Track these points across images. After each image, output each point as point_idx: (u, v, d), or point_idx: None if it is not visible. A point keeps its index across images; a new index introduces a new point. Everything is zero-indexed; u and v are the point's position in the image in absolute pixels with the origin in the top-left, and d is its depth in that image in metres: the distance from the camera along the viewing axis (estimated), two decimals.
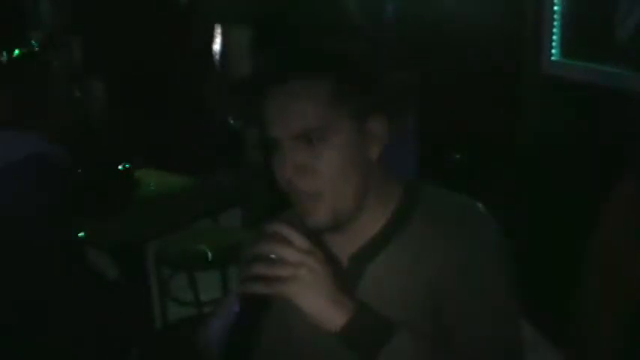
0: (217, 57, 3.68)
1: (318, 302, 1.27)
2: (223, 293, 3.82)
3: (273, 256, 1.27)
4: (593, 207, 1.66)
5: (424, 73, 3.81)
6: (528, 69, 3.29)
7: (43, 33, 4.33)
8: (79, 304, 2.60)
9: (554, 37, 3.10)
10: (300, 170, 1.32)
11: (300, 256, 1.27)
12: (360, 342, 1.28)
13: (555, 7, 3.05)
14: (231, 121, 3.72)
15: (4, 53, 2.59)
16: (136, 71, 5.20)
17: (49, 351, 2.58)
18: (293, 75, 1.32)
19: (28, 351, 2.52)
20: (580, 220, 1.68)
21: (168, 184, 3.70)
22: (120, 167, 3.35)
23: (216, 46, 3.65)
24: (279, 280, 1.26)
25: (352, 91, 1.34)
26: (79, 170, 2.83)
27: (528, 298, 1.48)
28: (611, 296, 1.56)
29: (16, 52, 2.59)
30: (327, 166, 1.32)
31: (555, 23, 3.08)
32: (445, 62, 3.79)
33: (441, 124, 3.77)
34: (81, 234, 2.76)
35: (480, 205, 1.44)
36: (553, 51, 3.11)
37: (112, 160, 3.39)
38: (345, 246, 1.43)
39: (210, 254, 3.62)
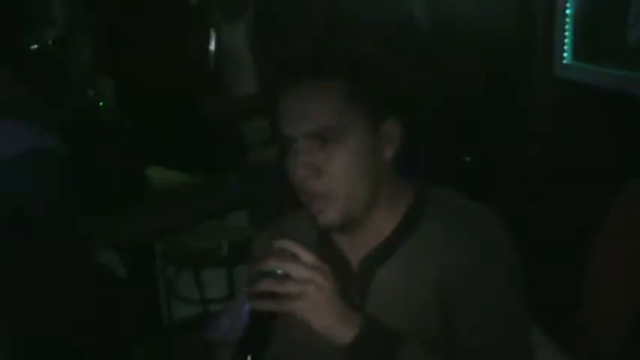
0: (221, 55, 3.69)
1: (325, 319, 1.27)
2: (229, 291, 3.83)
3: (279, 272, 1.27)
4: (603, 210, 1.66)
5: (436, 75, 3.81)
6: (540, 72, 3.28)
7: (56, 31, 4.34)
8: (85, 299, 2.61)
9: (566, 41, 3.09)
10: (313, 171, 1.32)
11: (307, 272, 1.27)
12: (367, 355, 1.28)
13: (567, 10, 3.04)
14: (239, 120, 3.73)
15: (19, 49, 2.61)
16: (148, 70, 5.21)
17: (57, 346, 2.59)
18: (309, 75, 1.32)
19: (35, 346, 2.53)
20: (589, 223, 1.67)
21: (177, 183, 3.71)
22: (130, 165, 3.36)
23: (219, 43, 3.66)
24: (286, 297, 1.26)
25: (367, 93, 1.34)
26: (82, 164, 2.83)
27: (536, 299, 1.47)
28: (616, 297, 1.56)
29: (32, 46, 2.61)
30: (341, 167, 1.32)
31: (567, 26, 3.07)
32: (457, 64, 3.79)
33: (451, 126, 3.77)
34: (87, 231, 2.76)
35: (488, 208, 1.44)
36: (565, 54, 3.10)
37: (122, 158, 3.40)
38: (356, 248, 1.43)
39: (218, 252, 3.64)
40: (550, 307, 2.01)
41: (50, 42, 3.74)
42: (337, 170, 1.32)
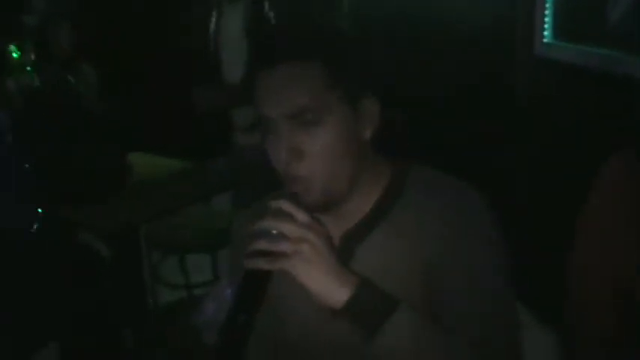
0: (211, 37, 3.67)
1: (320, 277, 1.27)
2: (213, 276, 3.84)
3: (274, 232, 1.28)
4: (585, 188, 1.67)
5: (416, 56, 3.81)
6: (521, 51, 3.29)
7: (36, 18, 4.32)
8: (69, 283, 2.61)
9: (547, 20, 3.09)
10: (295, 153, 1.32)
11: (301, 231, 1.28)
12: (362, 317, 1.28)
13: None
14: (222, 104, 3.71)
15: None
16: (128, 56, 5.19)
17: (42, 330, 2.59)
18: (287, 56, 1.32)
19: (18, 329, 2.53)
20: (572, 201, 1.68)
21: (161, 168, 3.70)
22: (112, 152, 3.36)
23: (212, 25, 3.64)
24: (281, 256, 1.26)
25: (346, 73, 1.34)
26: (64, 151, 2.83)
27: (521, 277, 1.48)
28: (601, 275, 1.57)
29: None
30: (322, 148, 1.32)
31: (547, 5, 3.07)
32: (436, 45, 3.79)
33: (432, 107, 3.77)
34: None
35: (471, 187, 1.45)
36: (545, 33, 3.11)
37: (104, 144, 3.39)
38: (337, 226, 1.44)
39: (202, 236, 3.64)
40: (537, 287, 2.03)
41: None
42: (318, 151, 1.32)
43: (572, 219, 1.66)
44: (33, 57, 3.85)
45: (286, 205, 1.31)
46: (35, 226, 2.66)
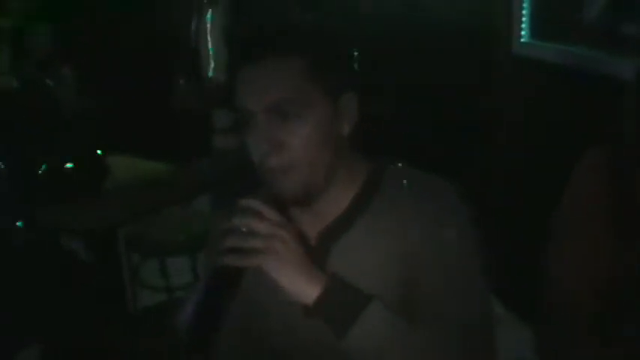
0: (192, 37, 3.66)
1: (291, 274, 1.28)
2: (194, 278, 3.82)
3: (244, 229, 1.28)
4: (561, 185, 1.67)
5: (394, 54, 3.81)
6: (499, 50, 3.30)
7: (12, 19, 4.29)
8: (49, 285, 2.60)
9: (524, 19, 3.11)
10: (274, 146, 1.32)
11: (272, 228, 1.29)
12: (333, 314, 1.29)
13: None
14: (202, 106, 3.71)
15: None
16: (107, 57, 5.16)
17: (22, 331, 2.58)
18: (267, 50, 1.32)
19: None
20: (549, 198, 1.69)
21: (141, 170, 3.68)
22: (89, 154, 3.33)
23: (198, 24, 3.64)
24: (252, 253, 1.27)
25: (325, 67, 1.34)
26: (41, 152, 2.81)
27: (497, 274, 1.48)
28: (580, 271, 1.58)
29: None
30: (301, 141, 1.32)
31: (525, 4, 3.09)
32: (415, 43, 3.79)
33: (411, 105, 3.78)
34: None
35: (447, 183, 1.46)
36: (523, 32, 3.12)
37: (81, 147, 3.37)
38: (314, 224, 1.44)
39: (182, 239, 3.62)
40: (511, 281, 2.03)
41: None
42: (297, 144, 1.32)
43: (548, 215, 1.67)
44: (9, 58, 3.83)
45: (255, 203, 1.32)
46: (15, 228, 2.64)
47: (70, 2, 4.97)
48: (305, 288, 1.29)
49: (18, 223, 2.74)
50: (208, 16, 3.59)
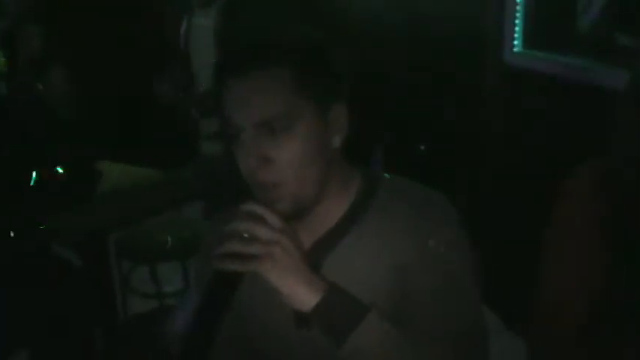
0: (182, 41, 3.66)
1: (291, 280, 1.27)
2: (184, 285, 3.81)
3: (246, 235, 1.27)
4: (552, 195, 1.67)
5: (387, 64, 3.82)
6: (491, 60, 3.30)
7: (5, 21, 4.27)
8: (34, 291, 2.59)
9: (517, 29, 3.11)
10: (263, 161, 1.31)
11: (273, 234, 1.27)
12: (331, 321, 1.28)
13: None
14: (191, 113, 3.70)
15: None
16: (100, 62, 5.15)
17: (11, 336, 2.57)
18: (255, 64, 1.31)
19: None
20: (542, 209, 1.69)
21: (131, 176, 3.67)
22: (81, 160, 3.32)
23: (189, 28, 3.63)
24: (252, 258, 1.26)
25: (314, 80, 1.33)
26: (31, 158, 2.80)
27: (490, 286, 1.48)
28: (570, 283, 1.58)
29: None
30: (290, 155, 1.31)
31: (517, 14, 3.09)
32: (409, 53, 3.80)
33: (405, 114, 3.78)
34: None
35: (440, 194, 1.45)
36: (515, 42, 3.13)
37: (74, 151, 3.36)
38: (307, 235, 1.43)
39: (172, 245, 3.61)
40: (504, 293, 2.03)
41: None
42: (287, 159, 1.31)
43: (540, 225, 1.67)
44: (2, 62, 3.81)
45: (258, 208, 1.30)
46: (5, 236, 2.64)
47: (63, 3, 4.96)
48: (304, 295, 1.28)
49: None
50: (199, 20, 3.59)
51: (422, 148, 3.78)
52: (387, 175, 1.50)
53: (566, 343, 1.59)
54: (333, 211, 1.43)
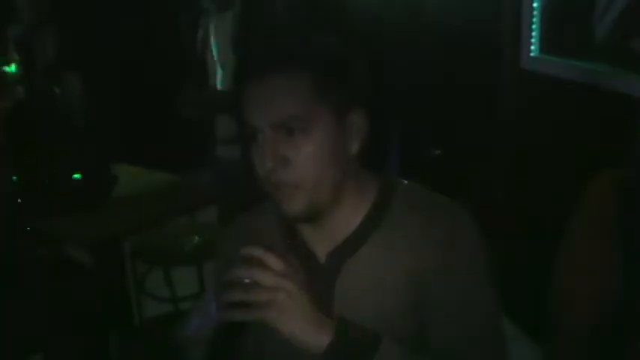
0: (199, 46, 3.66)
1: (298, 326, 1.25)
2: (199, 289, 3.82)
3: (247, 280, 1.25)
4: (570, 203, 1.66)
5: (404, 69, 3.81)
6: (507, 65, 3.29)
7: (21, 27, 4.29)
8: (49, 295, 2.61)
9: (534, 34, 3.10)
10: (279, 161, 1.31)
11: (276, 279, 1.25)
12: (347, 357, 1.26)
13: (534, 4, 3.05)
14: (207, 117, 3.71)
15: None
16: (115, 66, 5.17)
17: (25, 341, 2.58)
18: (276, 67, 1.31)
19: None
20: (557, 217, 1.68)
21: (146, 180, 3.68)
22: (97, 164, 3.34)
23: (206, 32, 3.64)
24: (257, 306, 1.24)
25: (333, 85, 1.33)
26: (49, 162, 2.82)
27: (507, 293, 1.47)
28: (584, 292, 1.57)
29: None
30: (307, 157, 1.31)
31: (534, 19, 3.08)
32: (425, 58, 3.79)
33: (420, 120, 3.77)
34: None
35: (456, 202, 1.45)
36: (532, 47, 3.11)
37: (90, 155, 3.37)
38: (322, 241, 1.43)
39: (188, 249, 3.62)
40: (521, 300, 2.02)
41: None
42: (303, 160, 1.31)
43: (556, 232, 1.66)
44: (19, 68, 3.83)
45: (259, 252, 1.28)
46: (21, 240, 2.65)
47: (78, 8, 4.98)
48: (314, 337, 1.26)
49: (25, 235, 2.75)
50: (215, 24, 3.59)
51: (437, 152, 3.76)
52: (404, 181, 1.50)
53: (579, 344, 1.58)
54: (351, 217, 1.42)
